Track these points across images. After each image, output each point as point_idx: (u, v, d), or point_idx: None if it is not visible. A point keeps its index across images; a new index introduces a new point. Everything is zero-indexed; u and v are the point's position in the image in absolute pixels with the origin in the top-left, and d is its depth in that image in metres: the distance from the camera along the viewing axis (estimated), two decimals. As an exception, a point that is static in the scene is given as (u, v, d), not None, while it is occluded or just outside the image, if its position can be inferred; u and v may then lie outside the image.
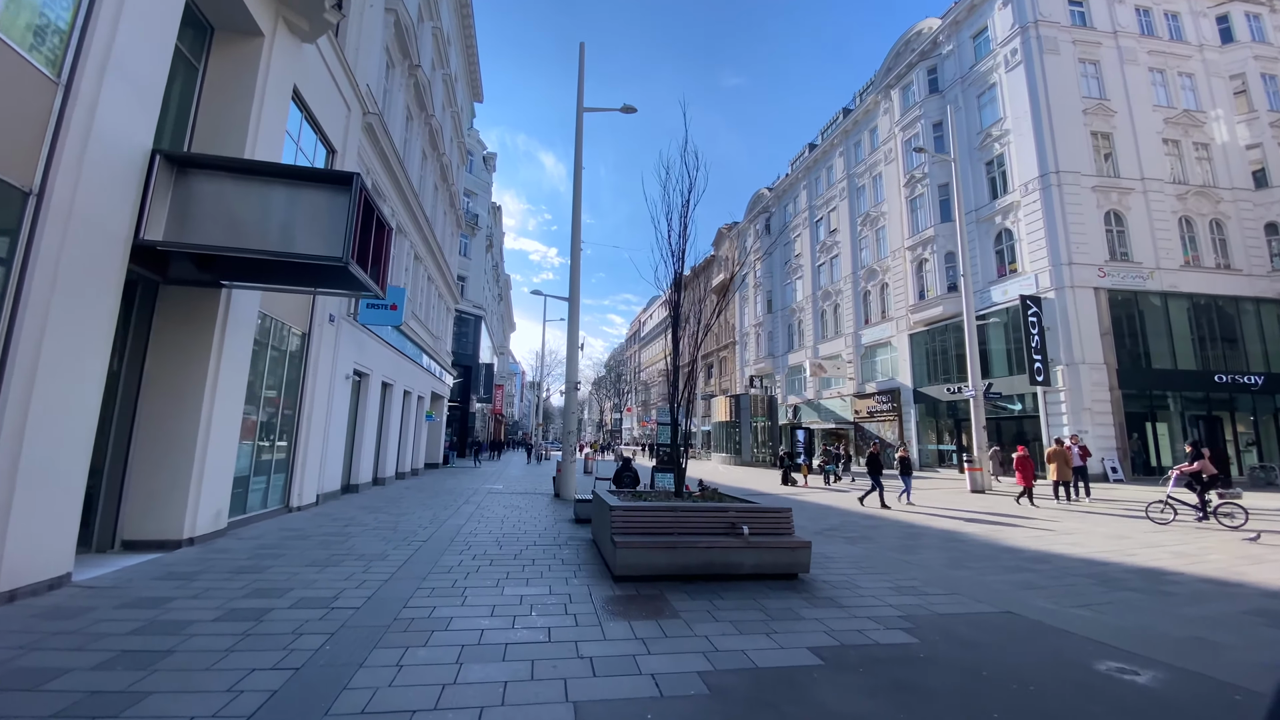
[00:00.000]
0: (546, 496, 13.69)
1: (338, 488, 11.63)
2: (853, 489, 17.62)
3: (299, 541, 7.18)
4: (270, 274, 7.04)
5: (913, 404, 27.27)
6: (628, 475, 10.46)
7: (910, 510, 12.36)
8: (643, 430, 77.91)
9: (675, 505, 6.27)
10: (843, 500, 14.50)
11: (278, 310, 8.90)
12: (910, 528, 9.99)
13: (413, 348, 17.77)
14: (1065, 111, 22.81)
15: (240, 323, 7.48)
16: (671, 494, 7.55)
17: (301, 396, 9.88)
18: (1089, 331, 20.72)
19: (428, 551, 6.79)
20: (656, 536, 5.81)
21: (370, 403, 13.66)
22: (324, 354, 10.47)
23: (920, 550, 7.95)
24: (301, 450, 9.78)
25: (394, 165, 14.00)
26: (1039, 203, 21.98)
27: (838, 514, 11.80)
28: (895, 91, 29.97)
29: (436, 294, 22.36)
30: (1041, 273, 21.66)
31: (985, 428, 17.14)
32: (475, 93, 28.94)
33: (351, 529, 8.18)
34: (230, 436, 7.43)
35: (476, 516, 9.87)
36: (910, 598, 5.37)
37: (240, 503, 8.16)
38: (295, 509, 9.60)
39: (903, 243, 28.32)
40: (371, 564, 6.07)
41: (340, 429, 11.62)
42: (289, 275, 7.04)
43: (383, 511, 10.12)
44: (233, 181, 6.11)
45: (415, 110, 17.00)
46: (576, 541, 7.73)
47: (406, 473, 18.28)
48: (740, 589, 5.44)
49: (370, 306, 11.55)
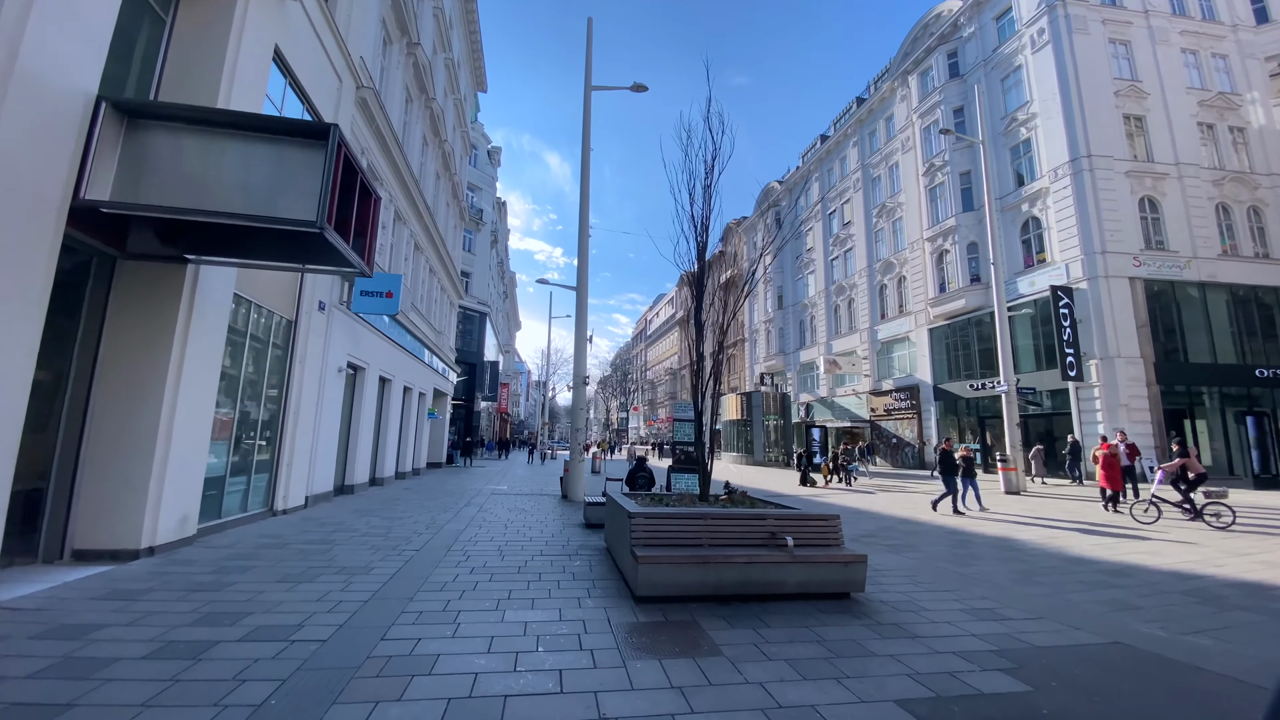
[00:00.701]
0: (553, 498, 12.84)
1: (330, 489, 10.83)
2: (878, 490, 16.66)
3: (275, 551, 6.35)
4: (241, 246, 6.23)
5: (933, 401, 26.22)
6: (642, 476, 9.58)
7: (947, 514, 11.41)
8: (649, 429, 77.07)
9: (704, 511, 5.38)
10: (872, 502, 13.56)
11: (259, 293, 8.09)
12: (956, 534, 9.06)
13: (413, 341, 16.98)
14: (1096, 93, 21.73)
15: (211, 305, 6.66)
16: (695, 498, 6.67)
17: (287, 390, 9.06)
18: (1124, 323, 19.64)
19: (419, 563, 5.94)
20: (685, 549, 4.93)
21: (366, 398, 12.86)
22: (313, 344, 9.66)
23: (976, 561, 7.03)
24: (287, 449, 8.97)
25: (391, 147, 13.19)
26: (1070, 189, 20.91)
27: (870, 518, 10.87)
28: (913, 77, 28.91)
29: (439, 287, 21.57)
30: (1073, 262, 20.59)
31: (1019, 425, 16.11)
32: (479, 82, 28.14)
33: (338, 536, 7.34)
34: (199, 433, 6.61)
35: (478, 521, 9.03)
36: (992, 624, 4.46)
37: (214, 506, 7.35)
38: (280, 512, 8.79)
39: (921, 234, 27.27)
40: (352, 579, 5.22)
41: (332, 426, 10.82)
42: (262, 248, 6.22)
43: (376, 515, 9.29)
44: (194, 135, 5.28)
45: (415, 92, 16.19)
46: (588, 551, 6.86)
47: (407, 473, 17.49)
48: (786, 612, 4.55)
49: (364, 294, 10.74)
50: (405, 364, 16.31)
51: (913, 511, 11.76)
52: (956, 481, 11.44)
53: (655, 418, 77.48)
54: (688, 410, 10.85)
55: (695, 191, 7.11)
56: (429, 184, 18.66)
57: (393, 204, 14.36)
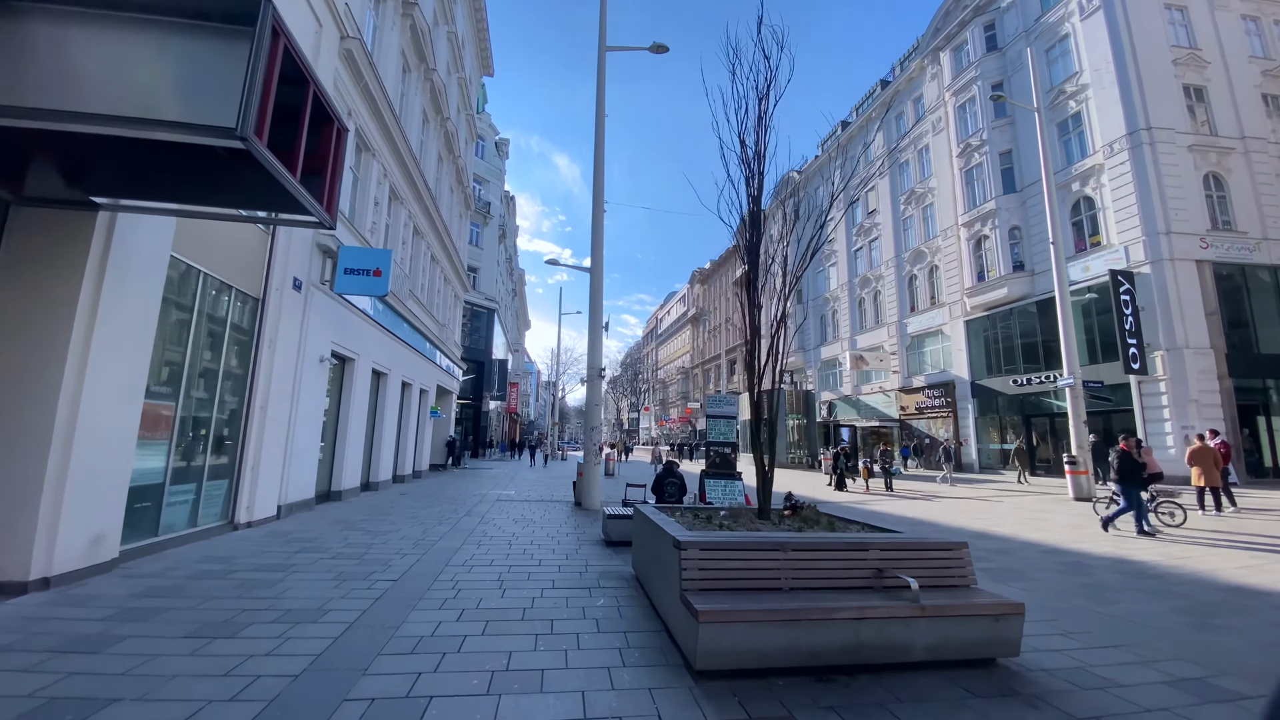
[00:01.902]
0: (565, 505, 11.36)
1: (310, 496, 9.43)
2: (921, 494, 15.01)
3: (210, 583, 4.91)
4: (161, 183, 4.80)
5: (970, 398, 24.42)
6: (671, 483, 8.04)
7: (1026, 524, 9.76)
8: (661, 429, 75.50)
9: (780, 539, 3.85)
10: (930, 510, 11.92)
11: (212, 262, 6.68)
12: (1057, 554, 7.43)
13: (413, 333, 15.60)
14: (1153, 61, 19.91)
15: (134, 266, 5.25)
16: (752, 514, 5.15)
17: (253, 380, 7.66)
18: (1192, 311, 17.81)
19: (392, 604, 4.47)
20: (759, 597, 3.41)
21: (356, 393, 11.47)
22: (286, 328, 8.26)
23: (1114, 594, 5.43)
24: (253, 450, 7.57)
25: (385, 113, 11.80)
26: (1128, 164, 19.10)
27: (935, 529, 9.26)
28: (945, 54, 27.12)
29: (442, 277, 20.21)
30: (1133, 244, 18.76)
31: (1086, 422, 14.38)
32: (485, 64, 26.79)
33: (301, 559, 5.90)
34: (119, 430, 5.20)
35: (477, 536, 7.56)
36: (1227, 710, 2.89)
37: (148, 522, 5.94)
38: (243, 526, 7.38)
39: (956, 219, 25.48)
40: (291, 633, 3.76)
41: (313, 424, 9.42)
42: (189, 185, 4.79)
43: (359, 528, 7.87)
44: (81, 25, 3.86)
45: (413, 60, 14.82)
46: (612, 581, 5.35)
47: (406, 476, 16.11)
48: (921, 693, 3.02)
49: (348, 272, 9.33)
50: (403, 357, 14.93)
51: (986, 522, 10.13)
52: (1140, 493, 8.86)
53: (667, 418, 75.94)
54: (726, 405, 9.33)
55: (746, 127, 5.58)
56: (430, 164, 17.30)
57: (388, 179, 12.98)
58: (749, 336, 5.35)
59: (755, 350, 5.29)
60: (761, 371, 5.26)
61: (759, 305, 5.41)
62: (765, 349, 5.32)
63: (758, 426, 5.22)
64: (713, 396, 9.56)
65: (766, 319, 5.71)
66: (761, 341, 5.33)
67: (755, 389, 5.24)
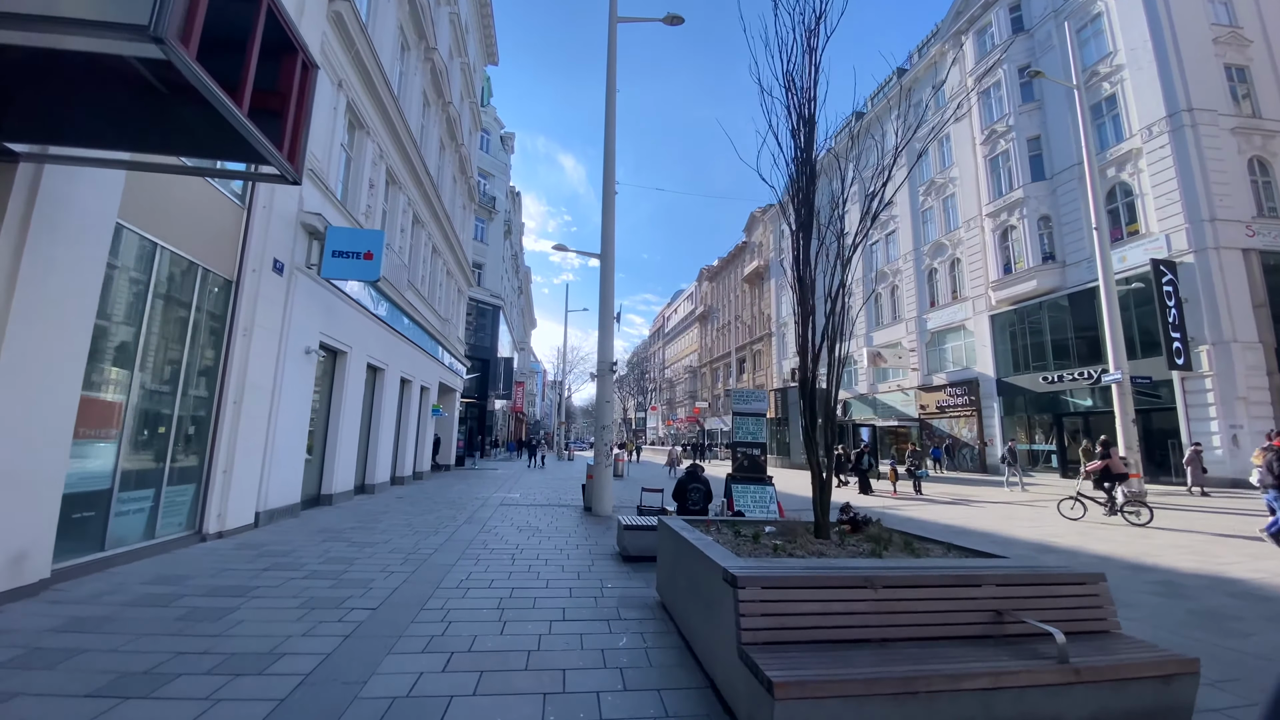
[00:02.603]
0: (574, 509, 10.48)
1: (295, 501, 8.59)
2: (954, 498, 14.02)
3: (149, 613, 4.06)
4: (90, 125, 3.96)
5: (995, 396, 23.35)
6: (696, 489, 7.12)
7: (1085, 534, 8.79)
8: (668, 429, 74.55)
9: (863, 571, 2.94)
10: (970, 516, 10.95)
11: (173, 235, 5.84)
12: (1142, 570, 6.46)
13: (413, 326, 14.77)
14: (1193, 39, 18.79)
15: (67, 231, 4.41)
16: (805, 531, 4.24)
17: (225, 372, 6.82)
18: (1239, 302, 16.69)
19: (364, 644, 3.59)
20: (849, 654, 2.51)
21: (349, 389, 10.63)
22: (265, 315, 7.42)
23: (1240, 628, 4.47)
24: (224, 450, 6.73)
25: (380, 87, 10.96)
26: (1169, 148, 17.99)
27: (988, 540, 8.30)
28: (968, 37, 26.02)
29: (444, 270, 19.39)
30: (1174, 232, 17.66)
31: (1136, 421, 13.35)
32: (489, 53, 25.97)
33: (268, 579, 5.05)
34: (48, 425, 4.36)
35: (476, 548, 6.69)
36: None
37: (92, 534, 5.10)
38: (212, 536, 6.54)
39: (980, 210, 24.39)
40: (224, 690, 2.89)
41: (297, 422, 8.59)
42: (123, 126, 3.95)
43: (345, 538, 7.02)
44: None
45: (412, 37, 13.99)
46: (635, 609, 4.45)
47: (406, 477, 15.29)
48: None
49: (336, 255, 8.47)
50: (402, 351, 14.11)
51: (1041, 530, 9.16)
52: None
53: (674, 417, 75.03)
54: (754, 400, 8.41)
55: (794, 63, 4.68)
56: (431, 151, 16.47)
57: (384, 161, 12.15)
58: (801, 316, 4.45)
59: (809, 332, 4.39)
60: (816, 356, 4.36)
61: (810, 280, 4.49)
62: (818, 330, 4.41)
63: (812, 423, 4.32)
64: (739, 391, 8.62)
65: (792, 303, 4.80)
66: (816, 321, 4.42)
67: (810, 379, 4.33)
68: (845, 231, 4.91)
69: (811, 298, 4.41)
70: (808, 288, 4.44)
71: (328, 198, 9.28)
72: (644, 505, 8.03)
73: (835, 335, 4.42)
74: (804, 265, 4.45)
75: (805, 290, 4.45)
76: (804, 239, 4.49)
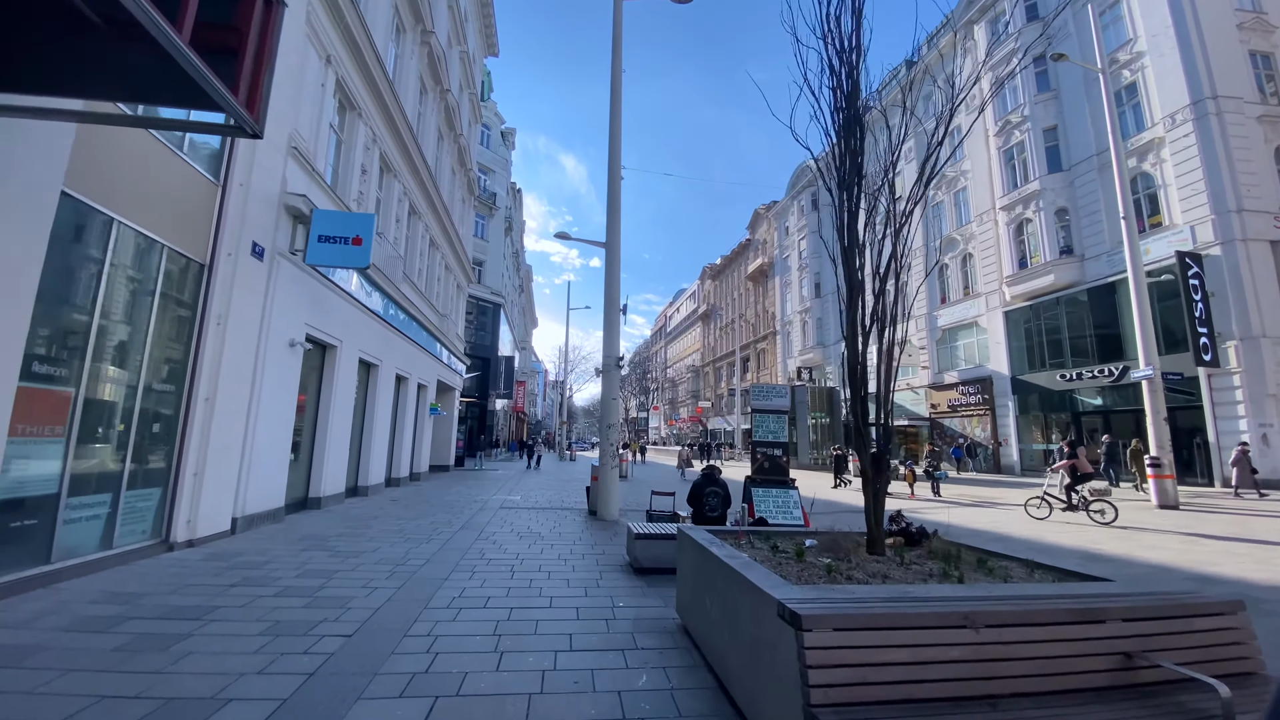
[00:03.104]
0: (578, 513, 9.88)
1: (279, 505, 7.99)
2: (977, 500, 13.36)
3: (85, 640, 3.45)
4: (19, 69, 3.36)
5: (1010, 395, 22.69)
6: (714, 494, 6.48)
7: (1131, 541, 8.16)
8: (670, 429, 73.91)
9: (959, 604, 2.32)
10: (1001, 521, 10.32)
11: (130, 209, 5.23)
12: (1213, 581, 5.82)
13: (410, 322, 14.17)
14: (1216, 25, 18.14)
15: (3, 197, 3.82)
16: (853, 543, 3.62)
17: (195, 364, 6.22)
18: (1268, 296, 16.04)
19: (330, 684, 2.98)
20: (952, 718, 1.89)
21: (340, 386, 10.03)
22: (243, 303, 6.81)
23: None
24: (194, 450, 6.13)
25: (372, 65, 10.35)
26: (1193, 136, 17.34)
27: (1024, 546, 7.67)
28: (980, 26, 25.38)
29: (443, 264, 18.79)
30: (1199, 224, 17.01)
31: (1167, 420, 12.69)
32: (489, 44, 25.36)
33: (233, 596, 4.44)
34: (-31, 423, 3.76)
35: (472, 558, 6.08)
36: None
37: (35, 545, 4.49)
38: (181, 544, 5.94)
39: (994, 203, 23.74)
40: (145, 754, 2.28)
41: (281, 420, 7.98)
42: (58, 69, 3.35)
43: (328, 546, 6.41)
44: None
45: (408, 18, 13.39)
46: (652, 633, 3.83)
47: (403, 478, 14.68)
48: None
49: (322, 240, 7.87)
50: (398, 347, 13.51)
51: (1082, 538, 8.53)
52: None
53: (676, 417, 74.44)
54: (776, 396, 7.77)
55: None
56: (429, 139, 15.87)
57: (377, 145, 11.55)
58: (848, 293, 3.85)
59: (857, 311, 3.79)
60: (867, 338, 3.76)
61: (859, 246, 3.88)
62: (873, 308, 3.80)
63: (862, 418, 3.71)
64: (758, 386, 7.98)
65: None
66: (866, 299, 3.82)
67: (858, 366, 3.73)
68: (898, 196, 4.29)
69: (860, 268, 3.80)
70: (854, 258, 3.82)
71: (315, 180, 8.67)
72: (654, 510, 7.42)
73: (887, 316, 3.81)
74: (850, 232, 3.84)
75: (852, 262, 3.84)
76: (849, 199, 3.88)
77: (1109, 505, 9.82)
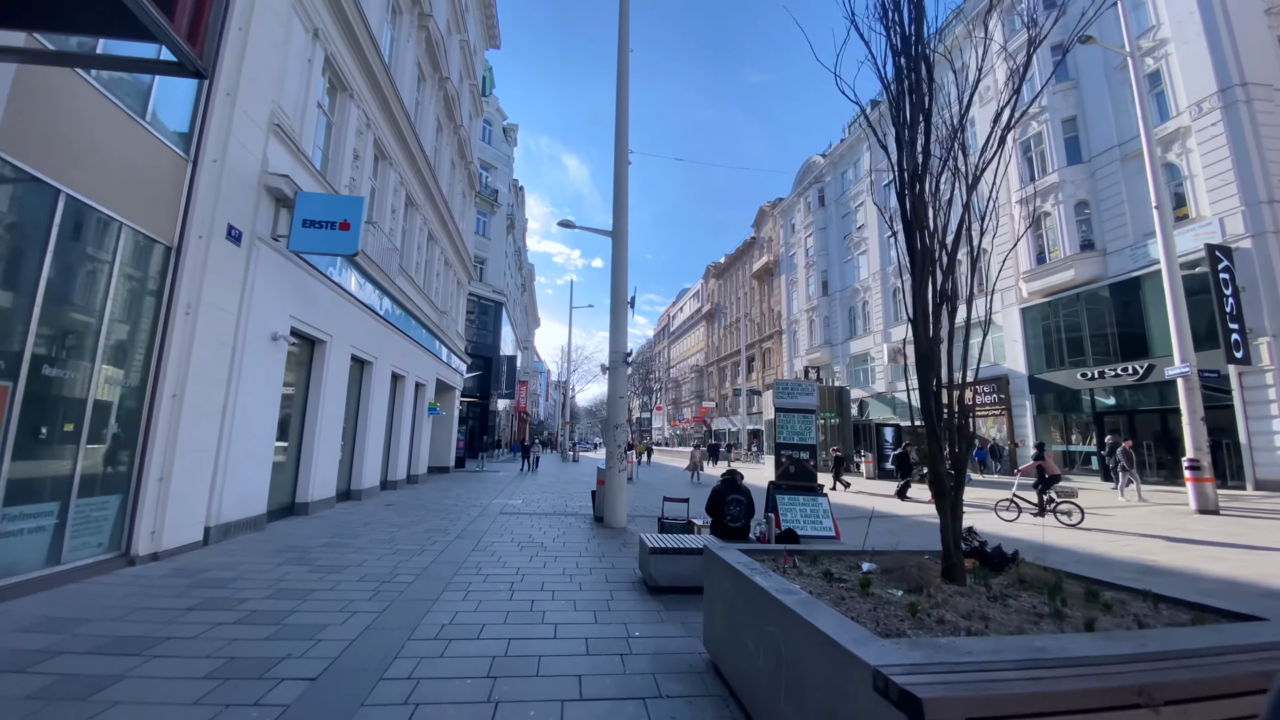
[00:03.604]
0: (583, 519, 9.26)
1: (260, 512, 7.38)
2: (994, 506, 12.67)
3: None
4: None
5: (1027, 394, 22.01)
6: (736, 502, 5.84)
7: (1188, 552, 7.50)
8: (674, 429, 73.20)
9: (1129, 677, 1.68)
10: (1029, 529, 9.67)
11: (82, 181, 4.62)
12: (1294, 604, 5.19)
13: (406, 319, 13.57)
14: (1244, 11, 17.42)
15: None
16: (927, 568, 2.99)
17: (161, 357, 5.62)
18: (1303, 292, 15.34)
19: (280, 748, 2.37)
20: None
21: (330, 384, 9.43)
22: (216, 290, 6.22)
23: None
24: (159, 453, 5.53)
25: (365, 44, 9.76)
26: (1221, 125, 16.64)
27: (1069, 557, 7.02)
28: (994, 15, 24.67)
29: (442, 259, 18.19)
30: (1229, 216, 16.31)
31: (1204, 419, 12.01)
32: (490, 35, 24.76)
33: (187, 624, 3.83)
34: None
35: (467, 573, 5.47)
36: None
37: (-44, 565, 3.90)
38: (145, 558, 5.33)
39: (1010, 196, 23.06)
40: None
41: (262, 419, 7.38)
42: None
43: (309, 560, 5.80)
44: None
45: (405, 1, 12.79)
46: (678, 676, 3.21)
47: (399, 481, 14.09)
48: None
49: (307, 224, 7.26)
50: (394, 343, 12.91)
51: (1131, 549, 7.88)
52: None
53: (680, 417, 73.78)
54: (802, 393, 7.15)
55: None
56: (427, 129, 15.29)
57: (371, 131, 10.96)
58: (912, 265, 3.24)
59: (923, 285, 3.17)
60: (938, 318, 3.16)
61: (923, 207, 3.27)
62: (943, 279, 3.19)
63: (936, 415, 3.10)
64: (783, 382, 7.33)
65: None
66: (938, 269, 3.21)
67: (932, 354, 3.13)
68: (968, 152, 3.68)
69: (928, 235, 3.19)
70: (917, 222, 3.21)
71: (301, 162, 8.08)
72: (667, 518, 6.80)
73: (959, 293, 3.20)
74: (912, 192, 3.22)
75: (914, 228, 3.23)
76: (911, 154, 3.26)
77: (1076, 507, 9.87)
